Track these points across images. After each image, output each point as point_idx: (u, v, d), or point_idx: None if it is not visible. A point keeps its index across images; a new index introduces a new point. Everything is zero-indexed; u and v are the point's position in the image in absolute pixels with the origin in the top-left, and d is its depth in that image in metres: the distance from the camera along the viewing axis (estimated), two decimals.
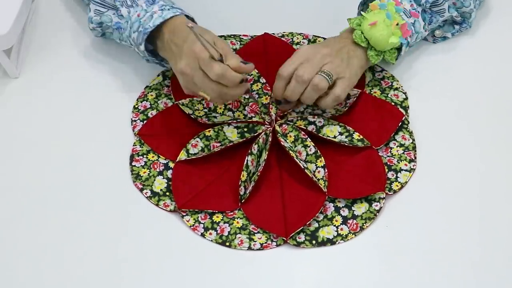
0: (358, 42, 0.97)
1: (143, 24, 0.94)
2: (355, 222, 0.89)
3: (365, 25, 0.96)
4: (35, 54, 1.08)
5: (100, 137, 0.98)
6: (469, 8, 1.04)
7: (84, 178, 0.94)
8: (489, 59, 1.07)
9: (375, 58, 0.98)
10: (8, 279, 0.85)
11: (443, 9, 1.02)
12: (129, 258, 0.86)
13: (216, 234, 0.88)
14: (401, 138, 0.97)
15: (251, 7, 1.14)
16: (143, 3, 0.96)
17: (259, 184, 0.91)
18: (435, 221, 0.89)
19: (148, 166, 0.94)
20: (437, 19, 1.03)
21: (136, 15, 0.95)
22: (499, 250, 0.87)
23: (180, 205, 0.89)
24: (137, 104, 1.01)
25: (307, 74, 0.92)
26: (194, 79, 0.89)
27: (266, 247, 0.87)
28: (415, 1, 1.00)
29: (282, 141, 0.93)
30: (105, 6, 0.99)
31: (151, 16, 0.94)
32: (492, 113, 1.00)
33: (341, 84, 0.94)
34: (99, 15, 0.99)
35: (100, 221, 0.90)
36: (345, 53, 0.96)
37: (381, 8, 0.97)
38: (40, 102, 1.03)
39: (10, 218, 0.90)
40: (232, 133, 0.96)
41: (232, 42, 1.08)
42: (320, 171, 0.91)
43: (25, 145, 0.98)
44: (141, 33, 0.94)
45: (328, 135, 0.95)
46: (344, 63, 0.95)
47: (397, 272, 0.85)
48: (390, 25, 0.95)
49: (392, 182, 0.92)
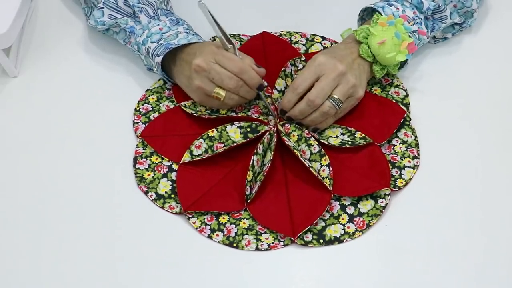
0: (364, 56, 0.96)
1: (166, 39, 0.96)
2: (362, 220, 0.89)
3: (373, 42, 0.95)
4: (34, 53, 1.08)
5: (101, 138, 0.98)
6: (471, 8, 1.03)
7: (86, 181, 0.93)
8: (489, 56, 1.08)
9: (380, 73, 0.98)
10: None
11: (445, 16, 1.02)
12: (136, 261, 0.86)
13: (223, 235, 0.88)
14: (403, 135, 0.97)
15: (249, 7, 1.14)
16: (167, 20, 0.98)
17: (264, 184, 0.91)
18: (440, 218, 0.90)
19: (152, 168, 0.93)
20: (439, 26, 1.03)
21: (158, 28, 0.97)
22: (503, 248, 0.87)
23: (186, 207, 0.89)
24: (138, 106, 1.00)
25: (320, 99, 0.91)
26: (210, 73, 0.90)
27: (274, 247, 0.87)
28: (417, 9, 0.99)
29: (286, 140, 0.93)
30: (120, 13, 0.99)
31: (176, 35, 0.96)
32: (493, 109, 1.01)
33: (345, 105, 0.95)
34: (114, 20, 0.99)
35: (105, 225, 0.89)
36: (356, 68, 0.96)
37: (390, 25, 0.96)
38: (39, 101, 1.02)
39: (10, 219, 0.90)
40: (235, 134, 0.95)
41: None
42: (325, 169, 0.92)
43: (24, 145, 0.97)
44: (163, 46, 0.95)
45: (330, 135, 0.96)
46: (358, 81, 0.95)
47: (406, 270, 0.86)
48: (399, 44, 0.95)
49: (397, 179, 0.92)
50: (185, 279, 0.85)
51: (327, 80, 0.92)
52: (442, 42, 1.08)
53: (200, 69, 0.91)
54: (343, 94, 0.93)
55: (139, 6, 0.97)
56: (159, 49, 0.95)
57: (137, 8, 0.97)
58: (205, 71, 0.91)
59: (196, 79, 0.92)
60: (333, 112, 0.93)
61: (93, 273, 0.85)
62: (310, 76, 0.93)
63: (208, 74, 0.91)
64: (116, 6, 0.98)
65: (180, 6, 1.06)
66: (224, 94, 0.91)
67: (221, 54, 0.91)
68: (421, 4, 0.99)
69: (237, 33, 1.09)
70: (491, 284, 0.85)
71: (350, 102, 0.96)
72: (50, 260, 0.86)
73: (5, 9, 1.00)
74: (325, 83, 0.92)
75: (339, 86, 0.93)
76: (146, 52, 0.97)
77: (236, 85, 0.90)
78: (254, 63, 0.92)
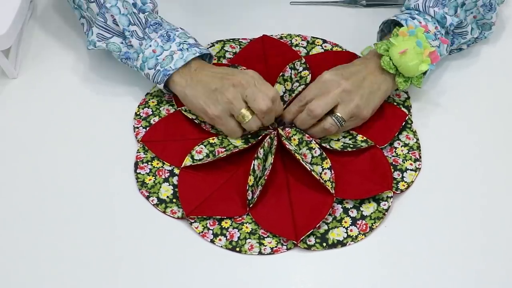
0: (386, 68, 0.95)
1: (161, 63, 0.94)
2: (365, 223, 0.89)
3: (394, 52, 0.94)
4: (33, 55, 1.08)
5: (101, 142, 0.97)
6: (490, 21, 1.03)
7: (87, 187, 0.93)
8: (491, 59, 1.08)
9: (403, 85, 0.96)
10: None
11: (466, 31, 1.01)
12: (139, 267, 0.86)
13: (226, 240, 0.88)
14: (405, 137, 0.97)
15: (249, 10, 1.13)
16: (158, 38, 0.95)
17: (266, 189, 0.91)
18: (443, 221, 0.89)
19: (153, 173, 0.93)
20: (459, 41, 1.02)
21: (151, 51, 0.95)
22: (505, 248, 0.87)
23: (188, 212, 0.89)
24: (138, 111, 1.00)
25: (319, 109, 0.92)
26: (247, 91, 0.90)
27: (277, 251, 0.87)
28: (439, 24, 0.98)
29: (287, 144, 0.93)
30: (109, 31, 0.97)
31: (171, 57, 0.94)
32: (494, 111, 1.01)
33: (348, 124, 0.95)
34: (104, 42, 0.97)
35: (107, 231, 0.89)
36: (367, 87, 0.94)
37: (411, 34, 0.94)
38: (39, 103, 1.02)
39: (9, 221, 0.89)
40: (236, 139, 0.95)
41: (232, 45, 1.07)
42: (327, 172, 0.91)
43: (23, 148, 0.97)
44: (161, 73, 0.95)
45: (331, 138, 0.95)
46: (363, 101, 0.93)
47: (410, 273, 0.85)
48: (421, 53, 0.93)
49: (399, 182, 0.92)
50: (188, 284, 0.84)
51: (330, 94, 0.92)
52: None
53: (240, 84, 0.91)
54: (346, 113, 0.92)
55: (130, 30, 0.95)
56: (157, 76, 0.95)
57: (128, 32, 0.95)
58: (243, 88, 0.91)
59: (230, 92, 0.91)
60: (334, 130, 0.93)
61: (96, 279, 0.85)
62: (314, 91, 0.94)
63: (245, 91, 0.91)
64: (105, 25, 0.96)
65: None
66: (249, 118, 0.91)
67: (261, 79, 0.92)
68: (444, 19, 0.97)
69: (236, 37, 1.09)
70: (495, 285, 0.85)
71: (354, 121, 0.95)
72: (49, 268, 0.86)
73: (5, 10, 1.00)
74: (327, 96, 0.92)
75: (342, 104, 0.93)
76: (146, 77, 0.96)
77: (266, 109, 0.90)
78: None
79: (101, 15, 0.96)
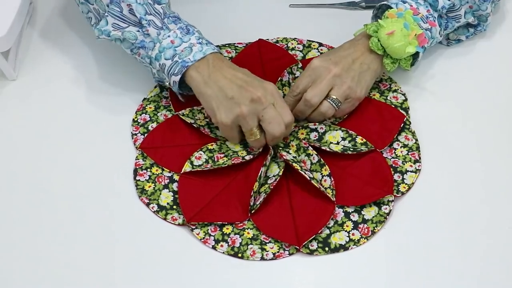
0: (374, 49, 0.96)
1: (180, 54, 0.92)
2: (366, 226, 0.89)
3: (382, 33, 0.96)
4: (32, 56, 1.07)
5: (100, 149, 0.97)
6: (485, 12, 1.04)
7: (86, 194, 0.92)
8: (488, 59, 1.08)
9: (390, 66, 0.98)
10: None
11: (459, 15, 1.02)
12: (141, 274, 0.85)
13: (228, 246, 0.87)
14: (404, 138, 0.97)
15: (244, 15, 1.13)
16: (177, 29, 0.94)
17: (267, 195, 0.90)
18: (444, 222, 0.89)
19: (153, 180, 0.92)
20: (452, 25, 1.03)
21: (169, 41, 0.93)
22: (507, 249, 0.87)
23: (189, 219, 0.88)
24: (136, 117, 0.99)
25: (316, 98, 0.94)
26: (263, 111, 0.89)
27: (279, 257, 0.86)
28: (431, 7, 0.99)
29: (284, 154, 0.92)
30: (125, 21, 0.95)
31: (190, 48, 0.93)
32: (493, 111, 1.01)
33: (345, 106, 0.96)
34: (120, 31, 0.95)
35: (107, 238, 0.88)
36: (357, 68, 0.96)
37: (399, 16, 0.96)
38: (38, 104, 1.02)
39: (8, 223, 0.89)
40: (235, 145, 0.95)
41: (228, 50, 1.07)
42: (327, 179, 0.91)
43: (22, 150, 0.96)
44: (179, 65, 0.92)
45: (331, 141, 0.95)
46: (354, 82, 0.95)
47: (413, 275, 0.85)
48: (408, 35, 0.95)
49: (399, 184, 0.92)
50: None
51: (322, 81, 0.94)
52: (437, 45, 1.08)
53: (259, 101, 0.89)
54: (339, 95, 0.94)
55: (147, 19, 0.93)
56: (175, 67, 0.92)
57: (145, 21, 0.93)
58: (261, 105, 0.89)
59: (246, 107, 0.89)
60: (332, 112, 0.95)
61: (96, 287, 0.84)
62: (305, 80, 0.95)
63: (261, 110, 0.89)
64: (121, 15, 0.94)
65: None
66: (257, 137, 0.91)
67: (280, 98, 0.91)
68: (436, 2, 0.99)
69: (232, 42, 1.08)
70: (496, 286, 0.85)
71: (350, 103, 0.96)
72: (48, 277, 0.85)
73: (4, 12, 1.00)
74: (320, 84, 0.94)
75: (335, 87, 0.94)
76: (160, 67, 0.94)
77: (279, 135, 0.90)
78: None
79: (116, 4, 0.94)
